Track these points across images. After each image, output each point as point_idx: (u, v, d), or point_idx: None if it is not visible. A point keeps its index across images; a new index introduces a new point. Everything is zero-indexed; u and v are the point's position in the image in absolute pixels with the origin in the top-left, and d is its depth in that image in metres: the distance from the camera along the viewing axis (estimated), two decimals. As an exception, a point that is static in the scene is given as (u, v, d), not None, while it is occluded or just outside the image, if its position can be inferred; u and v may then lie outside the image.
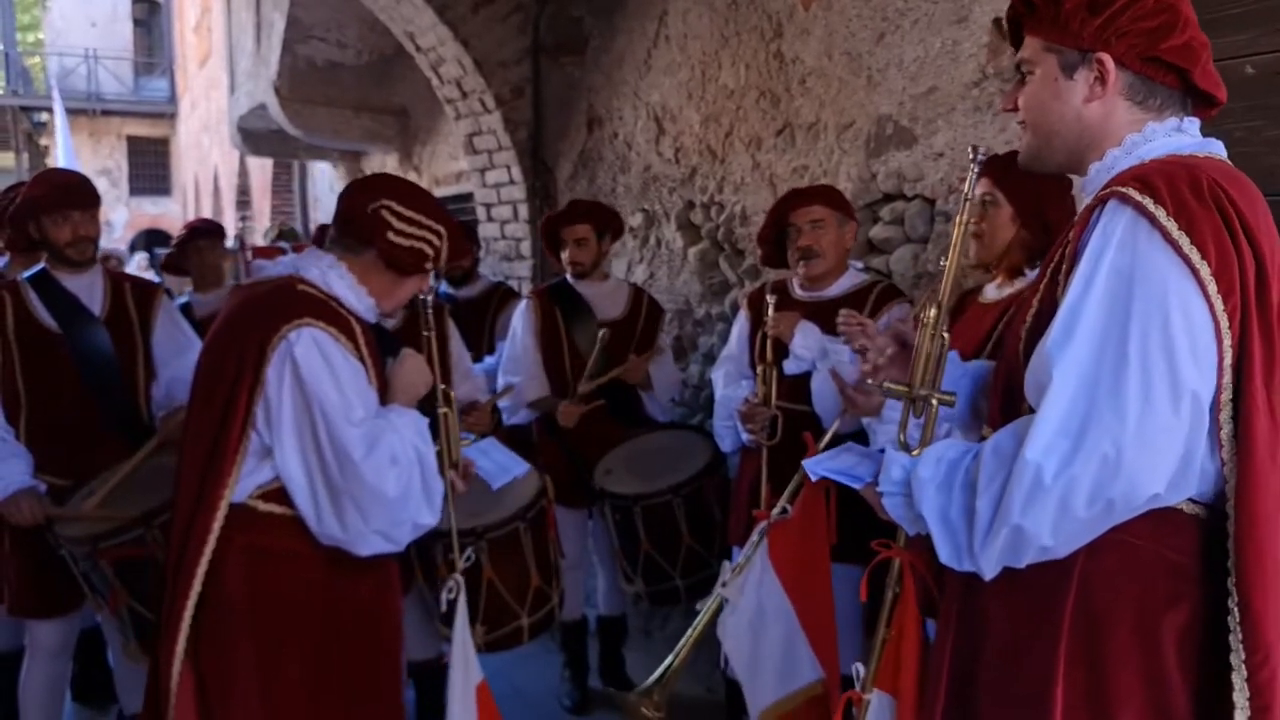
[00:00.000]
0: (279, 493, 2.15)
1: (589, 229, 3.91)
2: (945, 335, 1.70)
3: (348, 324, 2.20)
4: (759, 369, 3.12)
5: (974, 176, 1.73)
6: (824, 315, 3.08)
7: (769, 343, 3.08)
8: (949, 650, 1.61)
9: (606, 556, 3.98)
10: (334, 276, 2.27)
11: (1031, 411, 1.40)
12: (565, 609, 4.00)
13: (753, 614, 2.55)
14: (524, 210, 5.95)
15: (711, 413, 3.52)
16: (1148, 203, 1.34)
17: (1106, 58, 1.48)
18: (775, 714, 2.55)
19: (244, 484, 2.12)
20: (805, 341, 3.02)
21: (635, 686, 3.81)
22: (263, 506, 2.15)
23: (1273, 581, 1.32)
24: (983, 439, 1.57)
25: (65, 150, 14.07)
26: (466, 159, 6.42)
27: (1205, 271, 1.31)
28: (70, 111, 24.91)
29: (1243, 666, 1.32)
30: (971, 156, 1.74)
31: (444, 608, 2.51)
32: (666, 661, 2.66)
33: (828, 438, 2.77)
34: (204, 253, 4.73)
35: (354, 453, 2.07)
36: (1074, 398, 1.33)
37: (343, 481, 2.08)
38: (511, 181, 6.03)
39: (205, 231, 4.84)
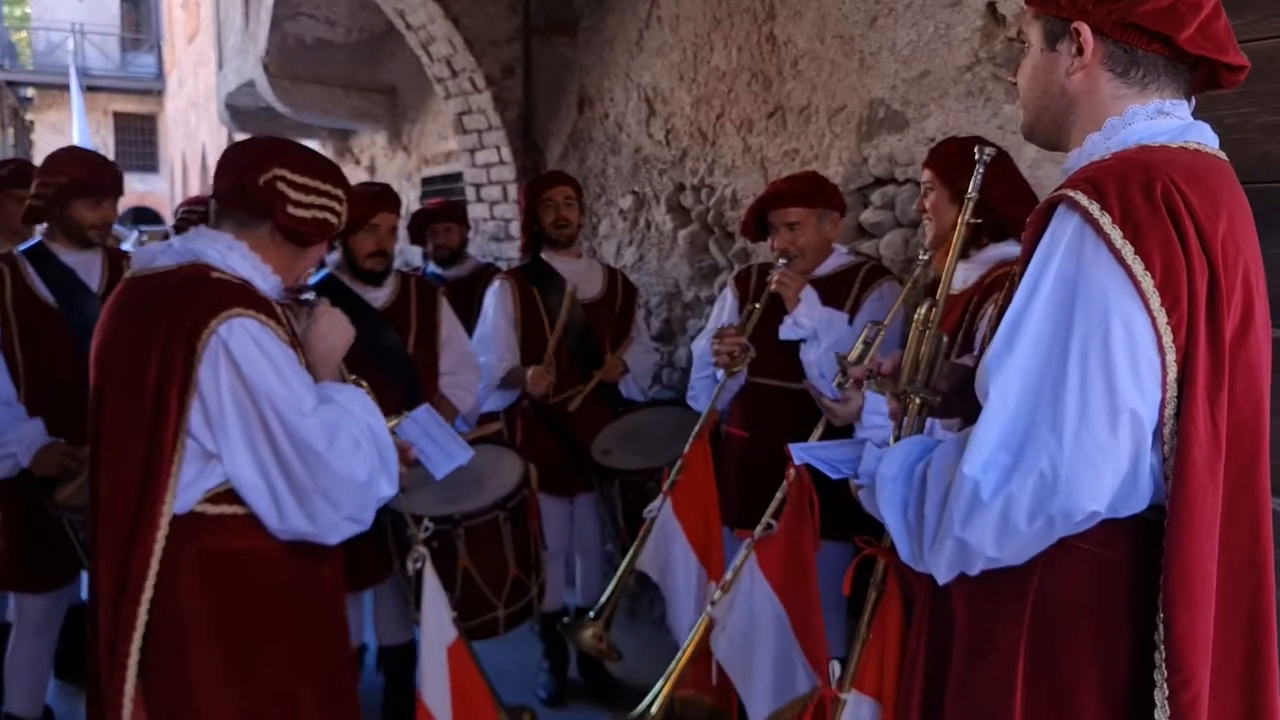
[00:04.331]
0: (230, 494, 1.99)
1: (573, 191, 3.91)
2: (943, 336, 1.70)
3: (270, 307, 2.03)
4: (745, 309, 3.12)
5: (979, 175, 1.71)
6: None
7: (762, 307, 3.05)
8: (923, 652, 1.60)
9: (590, 544, 3.96)
10: (236, 258, 2.06)
11: None
12: (546, 599, 4.00)
13: (745, 626, 2.55)
14: (513, 191, 5.91)
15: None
16: (1094, 209, 1.30)
17: (1083, 26, 1.42)
18: None
19: (188, 494, 1.95)
20: (809, 311, 3.00)
21: (614, 679, 3.83)
22: (212, 510, 1.99)
23: (1200, 603, 1.29)
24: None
25: (81, 131, 13.92)
26: (456, 139, 6.38)
27: (1148, 284, 1.27)
28: (56, 87, 24.76)
29: (1165, 685, 1.29)
30: (978, 156, 1.73)
31: (410, 572, 2.48)
32: (657, 686, 2.65)
33: (819, 431, 2.78)
34: None
35: (317, 445, 1.94)
36: (1015, 412, 1.31)
37: (308, 477, 1.95)
38: (501, 162, 6.00)
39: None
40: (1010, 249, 2.38)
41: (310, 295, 2.23)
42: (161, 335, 1.92)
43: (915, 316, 1.72)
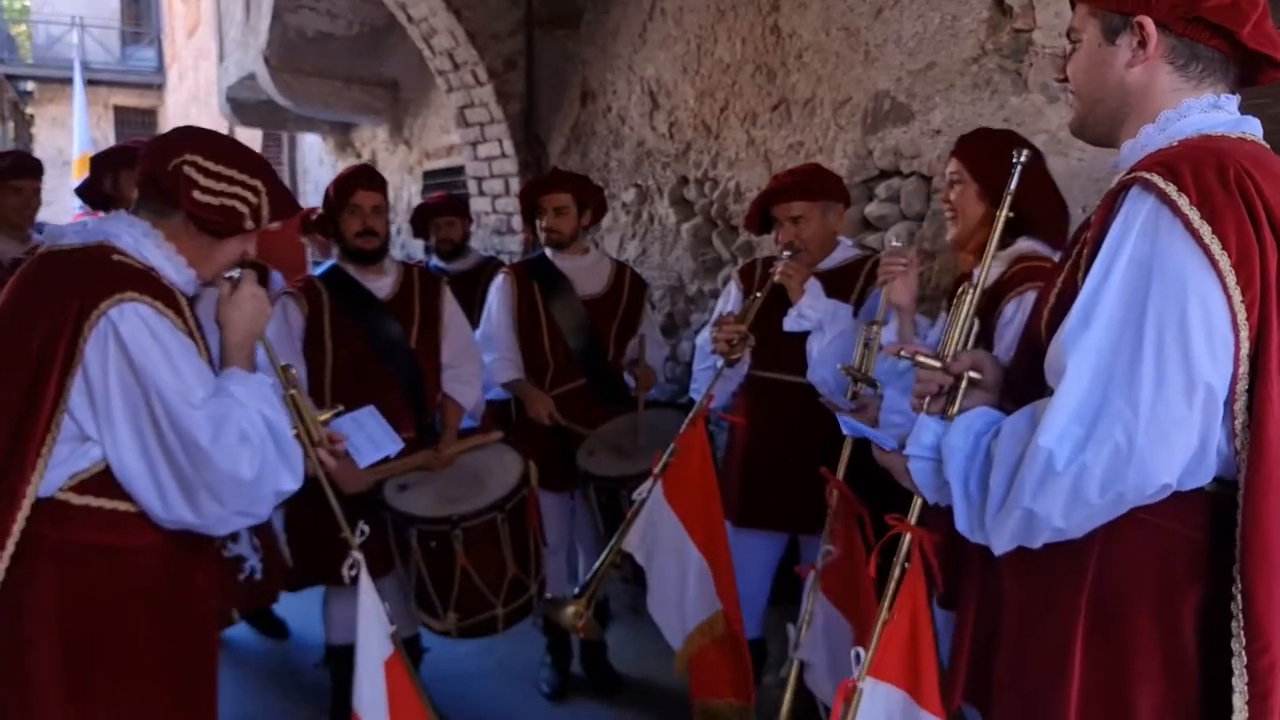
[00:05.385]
0: (97, 483, 1.90)
1: (569, 198, 3.77)
2: (975, 319, 1.75)
3: (171, 296, 1.96)
4: (746, 299, 3.10)
5: (1015, 178, 1.77)
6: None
7: (764, 296, 3.04)
8: (969, 628, 1.63)
9: (589, 540, 3.94)
10: (149, 245, 2.01)
11: (1051, 393, 1.41)
12: (548, 592, 3.98)
13: (829, 660, 2.53)
14: (516, 184, 5.90)
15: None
16: (1170, 190, 1.33)
17: (1147, 20, 1.46)
18: None
19: (54, 474, 1.87)
20: (814, 302, 2.98)
21: (617, 674, 3.82)
22: (76, 499, 1.90)
23: (1277, 573, 1.32)
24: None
25: (81, 130, 13.67)
26: (458, 132, 6.36)
27: (1225, 263, 1.30)
28: (56, 81, 24.72)
29: (1243, 653, 1.32)
30: (1015, 159, 1.77)
31: (346, 583, 2.42)
32: None
33: (848, 451, 2.76)
34: None
35: (200, 438, 1.87)
36: (1090, 387, 1.34)
37: (193, 470, 1.89)
38: (503, 155, 5.99)
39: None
40: (1028, 245, 2.35)
41: (234, 272, 2.15)
42: (49, 311, 1.87)
43: (956, 298, 1.76)
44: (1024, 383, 1.57)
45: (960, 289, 1.79)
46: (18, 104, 24.11)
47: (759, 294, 3.03)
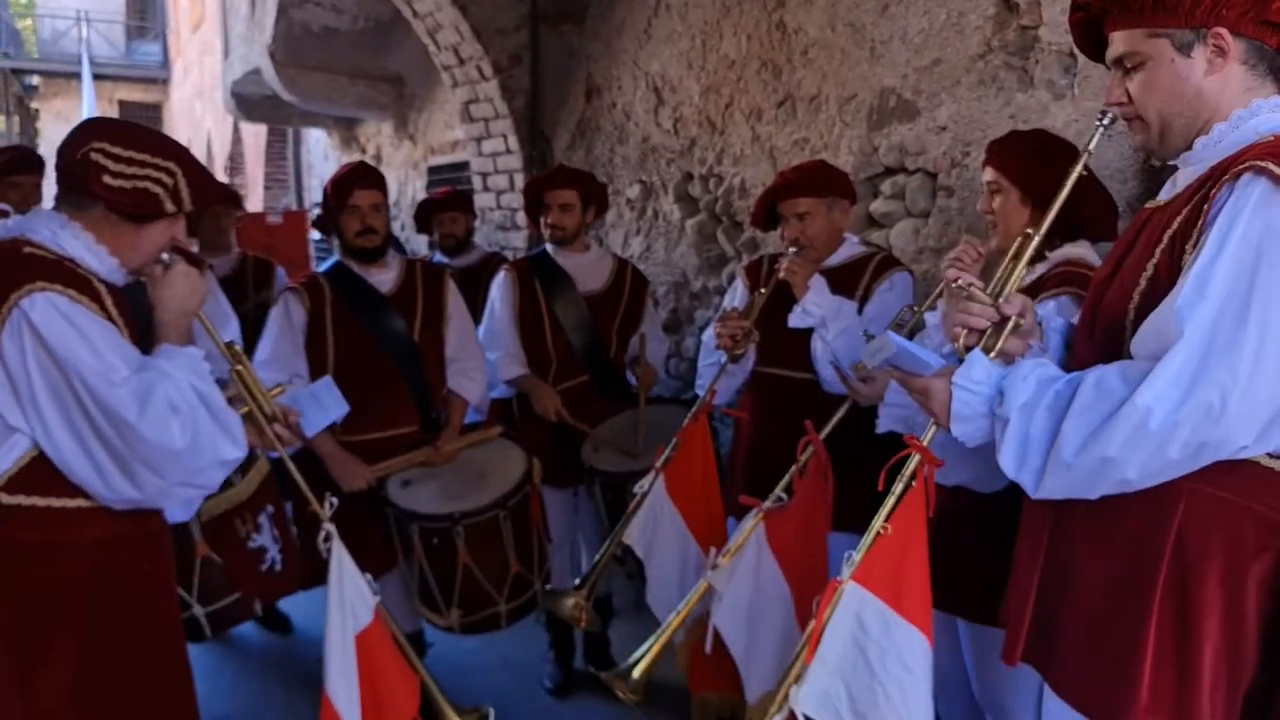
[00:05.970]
0: (26, 479, 1.93)
1: (574, 195, 3.78)
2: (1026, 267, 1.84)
3: (87, 283, 1.98)
4: (752, 295, 3.09)
5: (1096, 137, 1.81)
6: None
7: (770, 292, 3.03)
8: (1034, 593, 1.71)
9: (593, 535, 3.94)
10: (67, 236, 2.01)
11: (1129, 358, 1.53)
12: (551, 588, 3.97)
13: (750, 600, 2.51)
14: (520, 180, 5.90)
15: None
16: None
17: (1223, 30, 1.55)
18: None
19: None
20: (818, 299, 2.98)
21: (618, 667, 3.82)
22: (7, 499, 1.92)
23: None
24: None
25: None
26: (463, 127, 6.36)
27: None
28: (61, 75, 24.70)
29: None
30: (1099, 120, 1.80)
31: (324, 555, 2.39)
32: (644, 646, 2.61)
33: (840, 414, 2.75)
34: (220, 218, 4.67)
35: (127, 414, 1.89)
36: (1194, 353, 1.43)
37: (125, 445, 1.91)
38: (508, 151, 5.98)
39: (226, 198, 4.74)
40: (1075, 251, 2.29)
41: (167, 256, 2.16)
42: None
43: (1021, 237, 1.85)
44: (1090, 351, 1.68)
45: (1023, 234, 1.86)
46: (23, 98, 24.13)
47: (764, 289, 3.03)
